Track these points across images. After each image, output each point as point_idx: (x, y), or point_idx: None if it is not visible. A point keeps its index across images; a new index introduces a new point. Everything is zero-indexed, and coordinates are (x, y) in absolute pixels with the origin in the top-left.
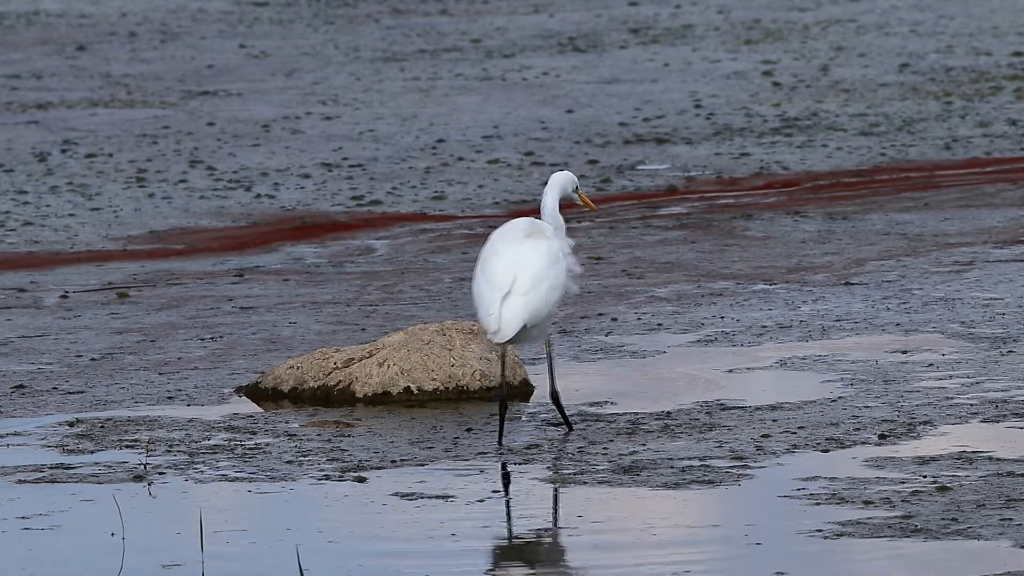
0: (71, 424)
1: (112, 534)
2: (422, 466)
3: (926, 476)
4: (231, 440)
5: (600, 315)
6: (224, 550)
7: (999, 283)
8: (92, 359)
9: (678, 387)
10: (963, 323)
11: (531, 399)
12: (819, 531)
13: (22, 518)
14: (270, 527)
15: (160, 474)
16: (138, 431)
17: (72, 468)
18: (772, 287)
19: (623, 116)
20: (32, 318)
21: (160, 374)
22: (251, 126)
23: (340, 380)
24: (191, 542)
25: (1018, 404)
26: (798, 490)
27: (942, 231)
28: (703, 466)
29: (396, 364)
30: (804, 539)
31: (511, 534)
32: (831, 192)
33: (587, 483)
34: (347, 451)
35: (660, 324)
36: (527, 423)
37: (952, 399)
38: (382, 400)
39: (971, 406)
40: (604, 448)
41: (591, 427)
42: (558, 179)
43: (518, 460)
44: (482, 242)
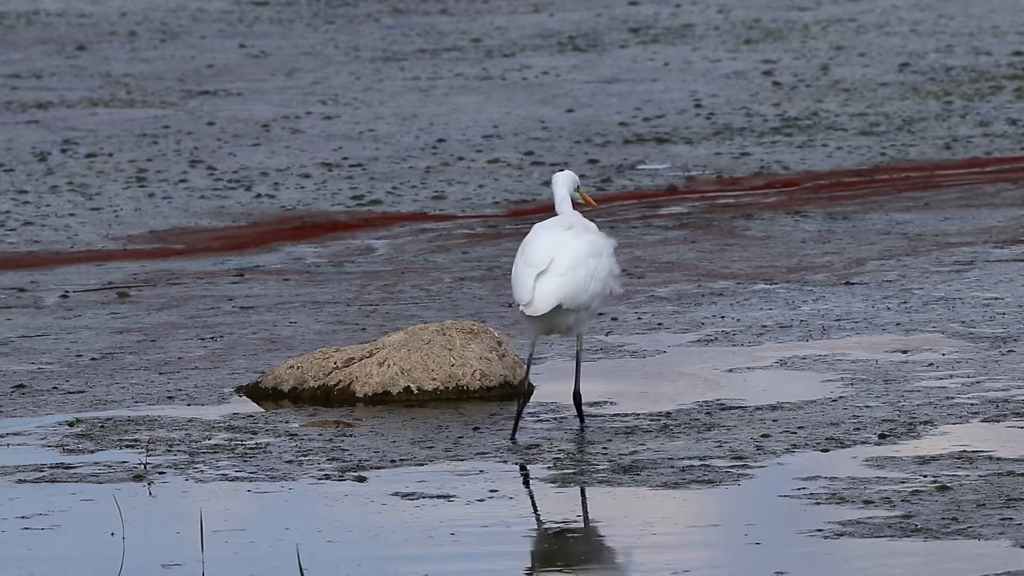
0: (71, 424)
1: (112, 534)
2: (422, 466)
3: (926, 476)
4: (231, 440)
5: (600, 315)
6: (224, 550)
7: (999, 283)
8: (92, 359)
9: (678, 387)
10: (963, 323)
11: (531, 399)
12: (819, 531)
13: (22, 518)
14: (270, 527)
15: (160, 474)
16: (138, 431)
17: (72, 468)
18: (772, 287)
19: (623, 116)
20: (32, 318)
21: (160, 374)
22: (251, 126)
23: (340, 380)
24: (191, 542)
25: (1018, 404)
26: (798, 490)
27: (942, 231)
28: (703, 466)
29: (396, 364)
30: (804, 539)
31: (511, 534)
32: (831, 192)
33: (587, 483)
34: (347, 451)
35: (660, 324)
36: (527, 423)
37: (952, 399)
38: (382, 400)
39: (971, 406)
40: (604, 448)
41: (591, 427)
42: (562, 179)
43: (518, 460)
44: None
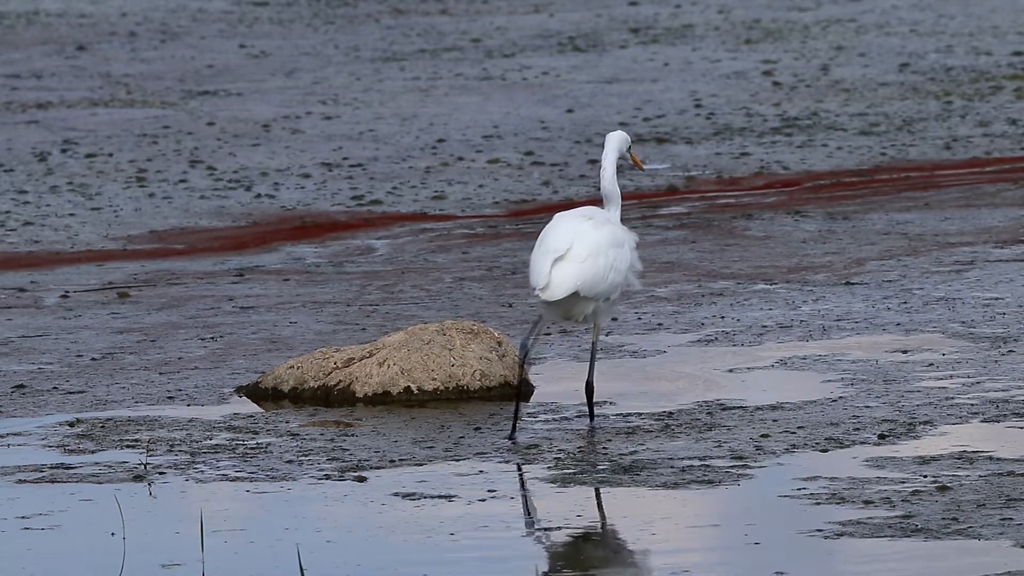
0: (71, 424)
1: (112, 534)
2: (421, 466)
3: (926, 476)
4: (232, 440)
5: None
6: (224, 549)
7: (999, 283)
8: (92, 359)
9: (678, 387)
10: (964, 323)
11: (531, 399)
12: (819, 531)
13: (22, 518)
14: (270, 527)
15: (160, 474)
16: (138, 431)
17: (72, 468)
18: (772, 287)
19: (623, 116)
20: (32, 318)
21: (160, 374)
22: (251, 126)
23: (340, 380)
24: (191, 542)
25: (1018, 404)
26: (798, 490)
27: (942, 231)
28: (703, 466)
29: (396, 364)
30: (804, 539)
31: (511, 534)
32: (831, 192)
33: (587, 483)
34: (347, 451)
35: (660, 324)
36: (527, 423)
37: (952, 399)
38: (382, 400)
39: (971, 406)
40: (604, 448)
41: (591, 427)
42: (615, 139)
43: (518, 460)
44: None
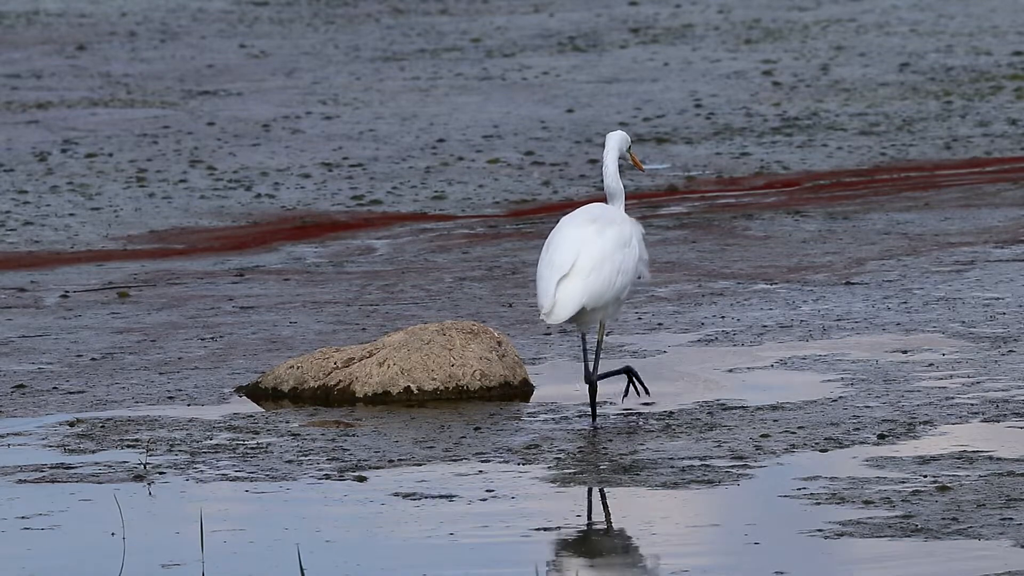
0: (71, 424)
1: (112, 534)
2: (421, 466)
3: (926, 476)
4: (232, 440)
5: None
6: (224, 549)
7: (1000, 283)
8: (92, 359)
9: (678, 387)
10: (964, 323)
11: (531, 399)
12: (819, 531)
13: (22, 518)
14: (270, 527)
15: (160, 474)
16: (138, 431)
17: (72, 468)
18: (773, 287)
19: (623, 116)
20: (32, 318)
21: (160, 374)
22: (251, 126)
23: (340, 380)
24: (191, 542)
25: (1018, 404)
26: (798, 490)
27: (943, 231)
28: (703, 466)
29: (396, 364)
30: (804, 539)
31: (510, 534)
32: (831, 192)
33: (587, 483)
34: (347, 451)
35: (660, 323)
36: (527, 423)
37: (952, 399)
38: (382, 400)
39: (971, 406)
40: (604, 448)
41: (592, 427)
42: (615, 138)
43: (518, 460)
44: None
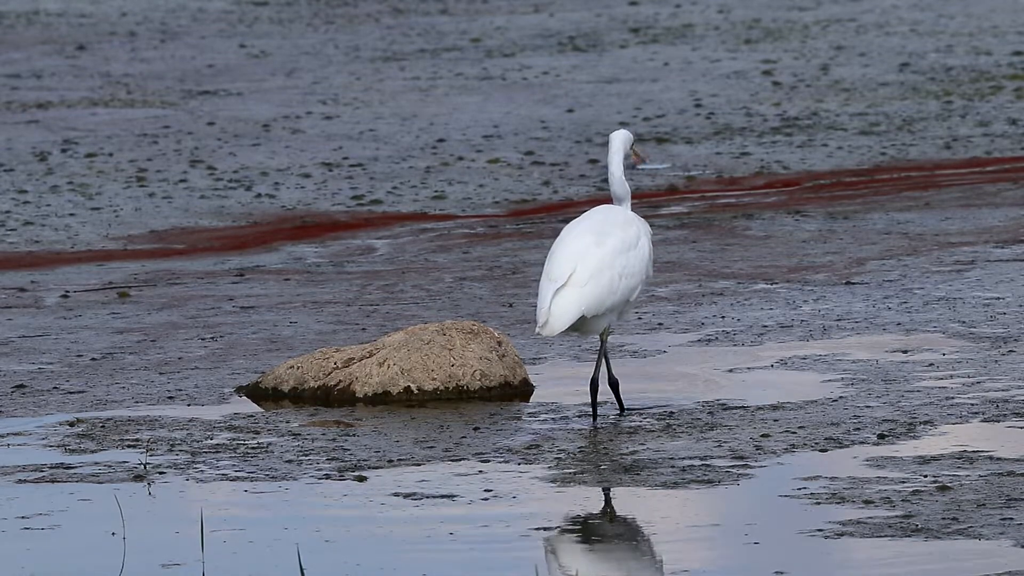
0: (72, 424)
1: (112, 534)
2: (421, 466)
3: (927, 476)
4: (232, 440)
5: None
6: (224, 549)
7: (1000, 283)
8: (93, 359)
9: (679, 387)
10: (964, 323)
11: (531, 399)
12: (819, 530)
13: (22, 517)
14: (270, 526)
15: (160, 473)
16: (139, 431)
17: (72, 468)
18: (773, 286)
19: (623, 115)
20: (33, 318)
21: (161, 374)
22: (251, 126)
23: (340, 380)
24: (191, 542)
25: (1019, 404)
26: (798, 489)
27: (943, 230)
28: (703, 465)
29: (396, 364)
30: (804, 538)
31: (511, 534)
32: (832, 191)
33: (587, 483)
34: (348, 451)
35: (661, 323)
36: (527, 423)
37: (953, 399)
38: (382, 400)
39: (972, 406)
40: (605, 447)
41: (592, 427)
42: (619, 139)
43: (518, 460)
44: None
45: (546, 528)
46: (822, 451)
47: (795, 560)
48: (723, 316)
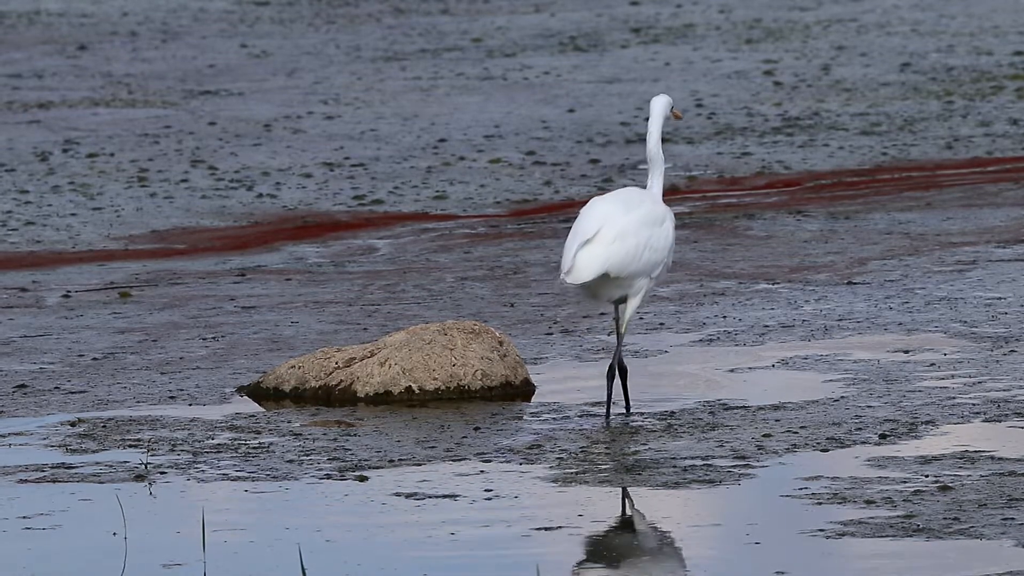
0: (73, 424)
1: (114, 534)
2: (422, 465)
3: (928, 475)
4: (233, 440)
5: (602, 314)
6: (225, 549)
7: (1001, 283)
8: (94, 359)
9: (680, 387)
10: (965, 322)
11: (533, 399)
12: (820, 531)
13: (23, 517)
14: (271, 526)
15: (161, 473)
16: (140, 431)
17: (74, 468)
18: (774, 286)
19: (624, 115)
20: (34, 318)
21: (162, 374)
22: (252, 125)
23: (341, 380)
24: (192, 542)
25: (1020, 403)
26: (800, 489)
27: (944, 230)
28: (705, 465)
29: (397, 364)
30: (805, 538)
31: (512, 534)
32: (833, 191)
33: (588, 482)
34: (349, 450)
35: (662, 323)
36: (529, 423)
37: (954, 398)
38: (383, 400)
39: (973, 405)
40: (606, 447)
41: (592, 427)
42: (660, 104)
43: (520, 460)
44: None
45: (547, 528)
46: (824, 451)
47: (796, 560)
48: (725, 316)
